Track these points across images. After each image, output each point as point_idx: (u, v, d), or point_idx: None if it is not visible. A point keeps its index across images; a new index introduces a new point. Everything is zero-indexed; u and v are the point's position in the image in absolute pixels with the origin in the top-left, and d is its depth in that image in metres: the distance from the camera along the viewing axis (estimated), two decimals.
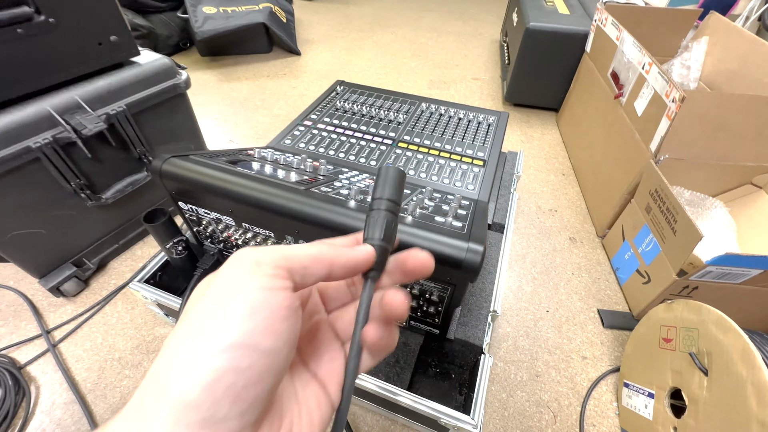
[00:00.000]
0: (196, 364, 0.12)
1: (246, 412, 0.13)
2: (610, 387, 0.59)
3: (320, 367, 0.18)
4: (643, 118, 0.70)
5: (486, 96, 1.33)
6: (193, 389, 0.12)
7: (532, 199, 0.92)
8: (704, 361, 0.43)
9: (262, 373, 0.13)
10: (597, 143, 0.90)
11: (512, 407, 0.56)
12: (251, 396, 0.13)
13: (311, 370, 0.18)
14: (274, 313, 0.14)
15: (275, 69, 1.47)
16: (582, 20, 1.07)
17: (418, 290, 0.45)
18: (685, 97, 0.58)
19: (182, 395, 0.12)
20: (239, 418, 0.13)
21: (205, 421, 0.12)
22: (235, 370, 0.12)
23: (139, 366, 0.60)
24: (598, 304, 0.70)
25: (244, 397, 0.13)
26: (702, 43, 0.89)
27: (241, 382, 0.13)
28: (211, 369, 0.12)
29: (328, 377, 0.18)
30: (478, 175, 0.60)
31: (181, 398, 0.12)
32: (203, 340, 0.13)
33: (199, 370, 0.12)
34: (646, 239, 0.65)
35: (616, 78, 0.83)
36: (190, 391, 0.12)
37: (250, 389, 0.13)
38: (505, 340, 0.64)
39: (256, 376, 0.13)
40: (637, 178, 0.69)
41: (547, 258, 0.78)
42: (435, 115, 0.74)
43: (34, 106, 0.54)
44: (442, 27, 1.89)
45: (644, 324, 0.54)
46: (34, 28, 0.51)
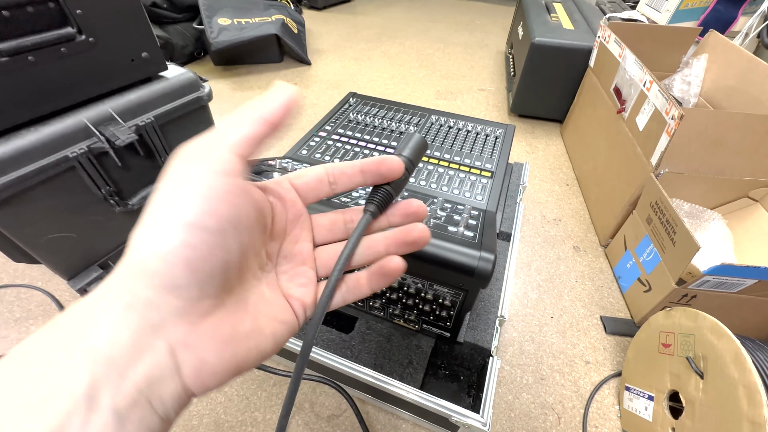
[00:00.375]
0: (155, 239, 0.14)
1: (204, 283, 0.15)
2: (612, 390, 0.61)
3: (291, 287, 0.20)
4: (644, 133, 0.73)
5: (492, 107, 1.37)
6: (153, 259, 0.14)
7: (537, 209, 0.95)
8: (700, 364, 0.45)
9: (212, 249, 0.15)
10: (600, 155, 0.93)
11: (518, 409, 0.59)
12: (206, 269, 0.15)
13: (283, 287, 0.20)
14: (219, 196, 0.15)
15: (286, 78, 1.51)
16: (586, 36, 1.11)
17: (432, 295, 0.48)
18: (684, 115, 0.61)
19: (145, 263, 0.14)
20: (198, 288, 0.15)
21: (167, 287, 0.14)
22: (187, 245, 0.14)
23: None
24: (600, 311, 0.73)
25: (199, 269, 0.15)
26: (702, 60, 0.92)
27: (194, 256, 0.14)
28: (165, 243, 0.14)
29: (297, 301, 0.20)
30: (486, 186, 0.63)
31: (144, 265, 0.14)
32: (160, 218, 0.15)
33: (157, 244, 0.14)
34: (647, 249, 0.68)
35: (618, 93, 0.86)
36: (152, 262, 0.14)
37: (203, 263, 0.15)
38: (511, 344, 0.67)
39: (207, 252, 0.15)
40: (639, 190, 0.72)
41: (552, 266, 0.81)
42: (444, 127, 0.77)
43: (71, 118, 0.58)
44: (449, 38, 1.94)
45: (645, 330, 0.57)
46: (76, 47, 0.55)
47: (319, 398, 0.59)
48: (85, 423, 0.12)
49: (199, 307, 0.15)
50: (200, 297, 0.15)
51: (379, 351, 0.55)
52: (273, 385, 0.60)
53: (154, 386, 0.14)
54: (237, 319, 0.17)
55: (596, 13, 1.30)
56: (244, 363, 0.17)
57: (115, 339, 0.13)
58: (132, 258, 0.15)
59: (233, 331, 0.16)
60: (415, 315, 0.53)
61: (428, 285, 0.47)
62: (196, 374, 0.15)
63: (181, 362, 0.15)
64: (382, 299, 0.53)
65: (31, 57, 0.52)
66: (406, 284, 0.49)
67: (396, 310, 0.54)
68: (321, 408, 0.58)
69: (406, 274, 0.48)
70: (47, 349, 0.13)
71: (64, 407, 0.12)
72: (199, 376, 0.15)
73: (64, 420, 0.12)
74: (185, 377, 0.15)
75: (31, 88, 0.54)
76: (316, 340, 0.56)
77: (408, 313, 0.53)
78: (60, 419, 0.12)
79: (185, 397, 0.15)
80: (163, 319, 0.14)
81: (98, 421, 0.13)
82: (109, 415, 0.13)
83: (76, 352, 0.13)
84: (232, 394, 0.59)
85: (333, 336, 0.56)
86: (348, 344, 0.55)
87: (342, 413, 0.57)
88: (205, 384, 0.15)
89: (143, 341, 0.14)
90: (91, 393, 0.13)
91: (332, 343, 0.56)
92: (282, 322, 0.19)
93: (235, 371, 0.16)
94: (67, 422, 0.12)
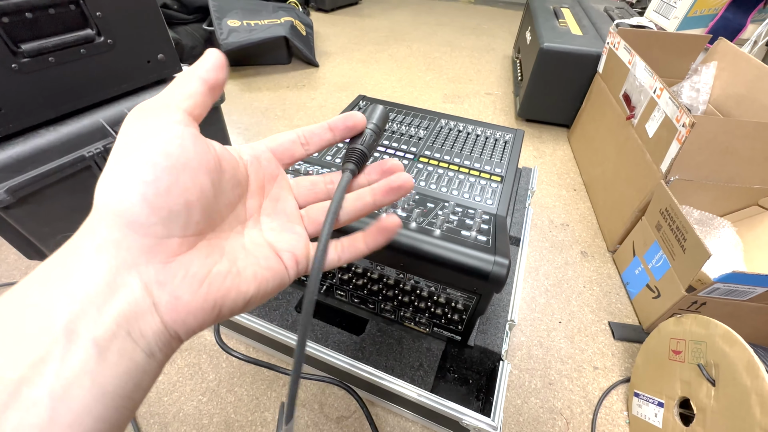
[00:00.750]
0: (113, 180, 0.15)
1: (167, 221, 0.16)
2: (620, 396, 0.61)
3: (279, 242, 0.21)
4: (654, 139, 0.74)
5: (499, 111, 1.37)
6: (113, 199, 0.15)
7: (544, 214, 0.95)
8: (712, 372, 0.45)
9: (168, 185, 0.16)
10: (609, 161, 0.93)
11: (527, 413, 0.59)
12: (165, 206, 0.16)
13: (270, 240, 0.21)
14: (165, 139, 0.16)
15: (294, 80, 1.52)
16: (594, 41, 1.11)
17: (445, 299, 0.48)
18: (695, 123, 0.61)
19: (108, 204, 0.15)
20: (162, 226, 0.16)
21: (132, 225, 0.15)
22: (141, 182, 0.15)
23: (172, 363, 0.63)
24: (608, 317, 0.73)
25: (158, 205, 0.15)
26: (711, 67, 0.92)
27: (151, 192, 0.15)
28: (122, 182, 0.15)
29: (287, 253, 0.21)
30: (496, 191, 0.63)
31: (108, 206, 0.15)
32: (116, 163, 0.16)
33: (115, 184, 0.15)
34: (656, 255, 0.68)
35: (628, 100, 0.87)
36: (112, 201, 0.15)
37: (160, 199, 0.15)
38: (520, 348, 0.67)
39: (163, 188, 0.15)
40: (648, 196, 0.72)
41: (560, 271, 0.81)
42: (454, 131, 0.78)
43: (88, 118, 0.59)
44: (455, 41, 1.94)
45: (654, 337, 0.57)
46: (95, 49, 0.56)
47: (328, 399, 0.59)
48: (65, 353, 0.13)
49: (167, 245, 0.16)
50: (166, 235, 0.16)
51: (390, 353, 0.55)
52: (283, 385, 0.61)
53: (132, 321, 0.15)
54: (211, 260, 0.18)
55: (604, 19, 1.31)
56: (222, 302, 0.17)
57: (89, 279, 0.14)
58: (97, 204, 0.15)
59: (207, 271, 0.17)
60: (426, 318, 0.53)
61: (441, 288, 0.47)
62: (173, 311, 0.16)
63: (157, 299, 0.15)
64: (393, 301, 0.53)
65: (51, 58, 0.52)
66: (419, 287, 0.49)
67: (407, 313, 0.54)
68: (330, 409, 0.58)
69: (419, 277, 0.48)
70: (25, 294, 0.14)
71: (45, 340, 0.13)
72: (177, 313, 0.16)
73: (45, 352, 0.13)
74: (163, 314, 0.15)
75: (50, 89, 0.54)
76: (327, 341, 0.57)
77: (419, 316, 0.53)
78: (40, 351, 0.13)
79: (168, 336, 0.16)
80: (134, 257, 0.15)
81: (79, 351, 0.13)
82: (89, 345, 0.13)
83: (53, 293, 0.14)
84: (243, 394, 0.60)
85: (344, 338, 0.56)
86: (359, 346, 0.55)
87: (351, 414, 0.58)
88: (185, 322, 0.16)
89: (117, 279, 0.15)
90: (69, 327, 0.13)
91: (343, 344, 0.56)
92: (266, 268, 0.19)
93: (214, 310, 0.17)
94: (47, 353, 0.13)
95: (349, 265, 0.52)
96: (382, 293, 0.53)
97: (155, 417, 0.57)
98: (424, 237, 0.43)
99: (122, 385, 0.14)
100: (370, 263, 0.50)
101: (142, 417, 0.57)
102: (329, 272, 0.55)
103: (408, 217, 0.46)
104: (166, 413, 0.58)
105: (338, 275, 0.55)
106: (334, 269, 0.55)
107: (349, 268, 0.53)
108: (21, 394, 0.12)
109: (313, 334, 0.57)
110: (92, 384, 0.13)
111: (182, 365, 0.63)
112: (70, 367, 0.13)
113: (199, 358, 0.64)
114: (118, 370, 0.14)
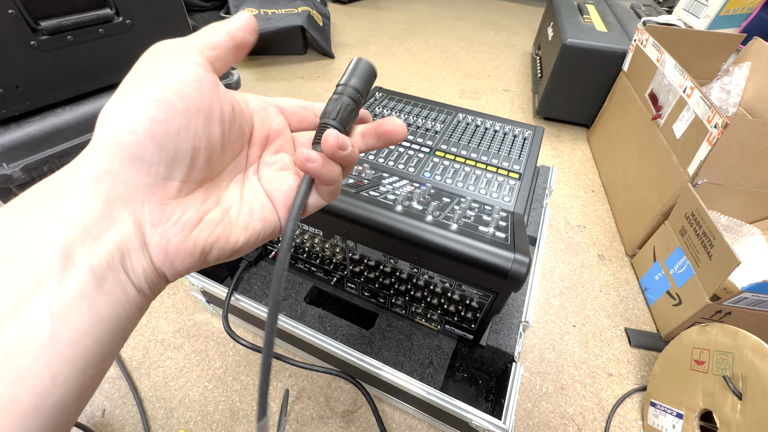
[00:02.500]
0: (123, 112, 0.15)
1: (171, 163, 0.16)
2: (635, 405, 0.59)
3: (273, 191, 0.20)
4: (681, 141, 0.71)
5: (516, 108, 1.34)
6: (120, 130, 0.15)
7: (560, 214, 0.93)
8: (738, 385, 0.43)
9: (179, 128, 0.15)
10: (630, 162, 0.90)
11: (537, 417, 0.58)
12: (172, 147, 0.15)
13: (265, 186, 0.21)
14: (185, 80, 0.16)
15: (309, 71, 1.51)
16: (620, 38, 1.07)
17: (459, 296, 0.47)
18: (728, 124, 0.58)
19: (113, 134, 0.15)
20: (165, 167, 0.15)
21: (135, 160, 0.15)
22: (152, 119, 0.15)
23: (180, 349, 0.63)
24: (625, 323, 0.71)
25: (166, 145, 0.15)
26: (743, 68, 0.88)
27: (160, 130, 0.15)
28: (132, 115, 0.15)
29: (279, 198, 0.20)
30: (514, 188, 0.61)
31: (112, 137, 0.15)
32: (128, 94, 0.15)
33: (125, 116, 0.15)
34: (679, 261, 0.65)
35: (654, 99, 0.83)
36: (119, 132, 0.15)
37: (168, 139, 0.15)
38: (531, 351, 0.65)
39: (173, 129, 0.15)
40: (672, 200, 0.69)
41: (575, 273, 0.79)
42: (471, 126, 0.76)
43: (104, 99, 0.59)
44: (474, 37, 1.91)
45: (675, 345, 0.55)
46: (114, 29, 0.55)
47: (334, 392, 0.58)
48: (63, 277, 0.13)
49: (166, 187, 0.16)
50: (167, 177, 0.16)
51: (400, 349, 0.54)
52: (288, 376, 0.60)
53: (125, 255, 0.15)
54: (206, 207, 0.18)
55: (630, 17, 1.26)
56: (210, 249, 0.17)
57: (85, 206, 0.14)
58: (101, 131, 0.15)
59: (199, 218, 0.17)
60: (438, 315, 0.52)
61: (456, 285, 0.46)
62: (162, 252, 0.16)
63: (148, 239, 0.16)
64: (405, 296, 0.52)
65: (70, 36, 0.52)
66: (432, 283, 0.48)
67: (419, 309, 0.53)
68: (336, 402, 0.57)
69: (433, 272, 0.47)
70: (20, 214, 0.14)
71: (42, 262, 0.13)
72: (165, 255, 0.16)
73: (42, 274, 0.13)
74: (152, 254, 0.16)
75: (68, 68, 0.54)
76: (336, 334, 0.56)
77: (431, 312, 0.52)
78: (38, 272, 0.13)
79: (156, 276, 0.16)
80: (130, 192, 0.15)
81: (76, 277, 0.13)
82: (86, 272, 0.13)
83: (49, 217, 0.14)
84: (248, 383, 0.59)
85: (353, 331, 0.55)
86: (368, 340, 0.54)
87: (357, 409, 0.57)
88: (173, 264, 0.16)
89: (112, 212, 0.15)
90: (66, 252, 0.13)
91: (352, 338, 0.55)
92: (259, 219, 0.19)
93: (201, 256, 0.17)
94: (45, 276, 0.13)
95: (362, 258, 0.51)
96: (394, 287, 0.52)
97: (161, 401, 0.57)
98: (440, 231, 0.42)
99: (116, 314, 0.14)
100: (383, 256, 0.49)
101: (148, 401, 0.57)
102: (341, 264, 0.54)
103: (424, 211, 0.45)
104: (172, 398, 0.57)
105: (350, 267, 0.54)
106: (346, 262, 0.53)
107: (362, 261, 0.52)
108: (20, 311, 0.12)
109: (322, 326, 0.56)
110: (89, 309, 0.13)
111: (189, 351, 0.63)
112: (68, 290, 0.13)
113: (206, 345, 0.64)
114: (112, 299, 0.14)
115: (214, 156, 0.18)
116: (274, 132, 0.22)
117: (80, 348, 0.13)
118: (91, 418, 0.55)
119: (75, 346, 0.13)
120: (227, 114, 0.18)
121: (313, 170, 0.19)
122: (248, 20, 0.19)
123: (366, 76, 0.21)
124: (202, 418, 0.56)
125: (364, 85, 0.20)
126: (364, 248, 0.50)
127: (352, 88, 0.20)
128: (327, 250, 0.54)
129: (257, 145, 0.21)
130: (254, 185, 0.20)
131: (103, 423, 0.55)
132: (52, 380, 0.12)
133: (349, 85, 0.20)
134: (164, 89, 0.15)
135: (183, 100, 0.16)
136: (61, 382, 0.13)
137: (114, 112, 0.15)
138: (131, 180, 0.15)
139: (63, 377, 0.13)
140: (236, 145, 0.19)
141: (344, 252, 0.52)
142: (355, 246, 0.50)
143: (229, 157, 0.19)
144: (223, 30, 0.18)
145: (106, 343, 0.14)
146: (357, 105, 0.20)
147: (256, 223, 0.19)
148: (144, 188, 0.15)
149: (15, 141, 0.51)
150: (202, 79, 0.16)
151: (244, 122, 0.20)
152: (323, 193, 0.21)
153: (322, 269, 0.58)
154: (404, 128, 0.21)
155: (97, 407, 0.56)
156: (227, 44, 0.18)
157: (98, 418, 0.55)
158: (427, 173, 0.62)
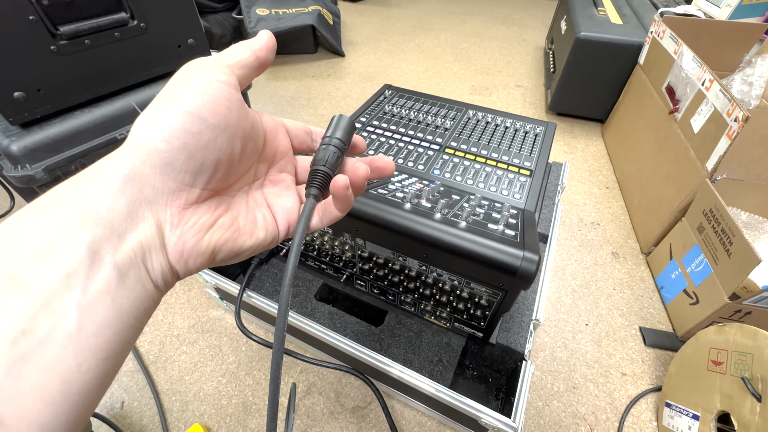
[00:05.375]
0: (159, 122, 0.16)
1: (197, 172, 0.17)
2: (650, 406, 0.58)
3: (276, 205, 0.22)
4: (699, 135, 0.69)
5: (528, 104, 1.32)
6: (156, 138, 0.16)
7: (573, 211, 0.91)
8: (758, 386, 0.42)
9: (209, 141, 0.17)
10: (646, 158, 0.88)
11: (548, 416, 0.57)
12: (200, 158, 0.17)
13: (269, 201, 0.23)
14: (217, 98, 0.17)
15: (320, 69, 1.52)
16: (636, 31, 1.05)
17: (468, 293, 0.47)
18: (749, 117, 0.56)
19: (148, 141, 0.16)
20: (192, 175, 0.17)
21: (166, 167, 0.16)
22: (187, 131, 0.16)
23: (194, 344, 0.65)
24: (640, 322, 0.69)
25: (195, 156, 0.17)
26: (767, 59, 0.85)
27: (192, 142, 0.16)
28: (169, 126, 0.16)
29: (283, 218, 0.22)
30: (525, 185, 0.61)
31: (147, 144, 0.16)
32: (166, 106, 0.17)
33: (161, 126, 0.16)
34: (697, 259, 0.63)
35: (671, 92, 0.81)
36: (154, 140, 0.16)
37: (198, 151, 0.17)
38: (543, 349, 0.65)
39: (203, 142, 0.17)
40: (690, 196, 0.68)
41: (588, 271, 0.78)
42: (482, 122, 0.75)
43: (121, 101, 0.61)
44: (485, 32, 1.89)
45: (691, 345, 0.54)
46: (129, 32, 0.57)
47: (344, 388, 0.59)
48: (90, 272, 0.14)
49: (189, 193, 0.17)
50: (191, 185, 0.17)
51: (409, 346, 0.54)
52: (300, 372, 0.61)
53: (146, 253, 0.16)
54: (218, 213, 0.19)
55: (647, 8, 1.23)
56: (219, 250, 0.19)
57: (113, 206, 0.15)
58: (136, 137, 0.16)
59: (212, 222, 0.19)
60: (447, 312, 0.52)
61: (465, 282, 0.46)
62: (178, 252, 0.17)
63: (167, 239, 0.17)
64: (414, 294, 0.52)
65: (87, 40, 0.54)
66: (441, 280, 0.48)
67: (428, 306, 0.53)
68: (346, 398, 0.58)
69: (442, 270, 0.47)
70: (50, 209, 0.15)
71: (72, 257, 0.14)
72: (181, 254, 0.17)
73: (72, 269, 0.14)
74: (170, 253, 0.17)
75: (86, 71, 0.56)
76: (345, 331, 0.56)
77: (440, 309, 0.52)
78: (68, 267, 0.14)
79: (171, 273, 0.17)
80: (156, 196, 0.16)
81: (102, 273, 0.14)
82: (111, 268, 0.15)
83: (78, 213, 0.15)
84: (261, 378, 0.61)
85: (362, 328, 0.56)
86: (377, 337, 0.55)
87: (367, 405, 0.57)
88: (186, 263, 0.18)
89: (137, 212, 0.16)
90: (93, 248, 0.14)
91: (361, 335, 0.55)
92: (262, 228, 0.21)
93: (211, 256, 0.19)
94: (74, 270, 0.14)
95: (371, 255, 0.51)
96: (404, 285, 0.52)
97: (177, 395, 0.59)
98: (449, 228, 0.42)
99: (136, 307, 0.16)
100: (392, 254, 0.49)
101: (164, 394, 0.59)
102: (350, 261, 0.55)
103: (432, 208, 0.45)
104: (188, 392, 0.59)
105: (359, 264, 0.54)
106: (356, 259, 0.54)
107: (371, 259, 0.52)
108: (51, 305, 0.13)
109: (332, 322, 0.57)
110: (113, 302, 0.15)
111: (204, 346, 0.64)
112: (95, 285, 0.14)
113: (220, 341, 0.65)
114: (132, 294, 0.15)
115: (233, 168, 0.20)
116: (280, 152, 0.24)
117: (103, 339, 0.14)
118: (111, 410, 0.57)
119: (98, 336, 0.14)
120: (248, 130, 0.20)
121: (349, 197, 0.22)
122: (270, 40, 0.21)
123: (346, 128, 0.24)
124: (216, 412, 0.57)
125: (347, 136, 0.24)
126: (373, 246, 0.50)
127: (336, 139, 0.23)
128: (336, 248, 0.54)
129: (265, 161, 0.23)
130: (258, 198, 0.22)
131: (122, 414, 0.57)
132: (78, 368, 0.14)
133: (334, 137, 0.23)
134: (199, 105, 0.17)
135: (215, 116, 0.17)
136: (85, 370, 0.14)
137: (151, 120, 0.16)
138: (158, 184, 0.16)
139: (87, 365, 0.14)
140: (250, 159, 0.21)
141: (353, 250, 0.53)
142: (364, 244, 0.50)
143: (243, 170, 0.21)
144: (249, 49, 0.20)
145: (125, 334, 0.15)
146: (341, 152, 0.24)
147: (259, 232, 0.21)
148: (169, 193, 0.17)
149: (37, 143, 0.53)
150: (232, 98, 0.18)
151: (259, 139, 0.21)
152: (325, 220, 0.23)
153: (332, 267, 0.58)
154: (392, 165, 0.25)
155: (117, 399, 0.58)
156: (253, 63, 0.20)
157: (117, 410, 0.57)
158: (436, 170, 0.62)
